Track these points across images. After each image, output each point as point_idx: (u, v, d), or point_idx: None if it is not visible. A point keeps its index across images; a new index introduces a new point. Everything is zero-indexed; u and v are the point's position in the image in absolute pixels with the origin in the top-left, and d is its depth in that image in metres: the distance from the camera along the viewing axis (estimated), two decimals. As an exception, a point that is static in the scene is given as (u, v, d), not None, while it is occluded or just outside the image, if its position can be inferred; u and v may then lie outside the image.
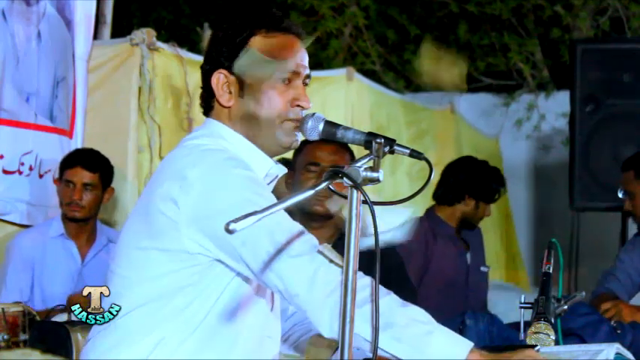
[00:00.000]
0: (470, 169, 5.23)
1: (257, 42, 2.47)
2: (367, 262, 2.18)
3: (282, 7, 8.89)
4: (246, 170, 2.38)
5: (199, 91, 2.59)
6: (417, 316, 2.27)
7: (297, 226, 2.33)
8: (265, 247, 2.27)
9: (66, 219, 4.73)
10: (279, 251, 2.26)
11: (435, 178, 5.09)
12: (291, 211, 3.84)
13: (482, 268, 5.39)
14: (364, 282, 2.23)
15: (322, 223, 3.89)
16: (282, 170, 2.56)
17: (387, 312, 2.20)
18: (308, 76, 2.53)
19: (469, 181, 5.15)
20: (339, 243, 3.70)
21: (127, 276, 2.41)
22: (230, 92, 2.49)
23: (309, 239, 2.32)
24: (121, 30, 5.52)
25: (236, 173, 2.35)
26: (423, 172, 7.29)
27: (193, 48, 7.02)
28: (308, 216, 3.85)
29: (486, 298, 5.58)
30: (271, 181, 2.54)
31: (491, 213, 5.39)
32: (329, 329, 2.24)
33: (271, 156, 2.53)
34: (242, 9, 2.52)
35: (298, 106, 2.48)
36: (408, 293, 4.08)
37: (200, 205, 2.32)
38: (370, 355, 2.20)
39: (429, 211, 5.23)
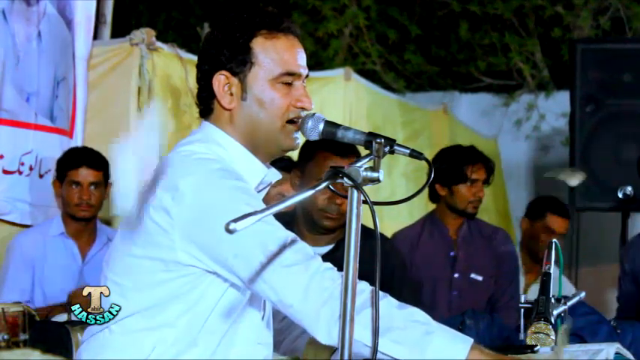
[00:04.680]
0: (435, 158, 5.00)
1: (259, 43, 2.46)
2: (369, 262, 2.18)
3: (284, 7, 8.88)
4: (237, 181, 2.37)
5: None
6: (415, 317, 2.26)
7: (290, 235, 2.31)
8: (258, 257, 2.25)
9: (69, 219, 4.74)
10: (272, 261, 2.24)
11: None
12: (297, 221, 3.83)
13: (474, 276, 5.06)
14: (360, 287, 2.21)
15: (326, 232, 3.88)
16: (277, 176, 2.55)
17: (385, 315, 2.18)
18: (307, 76, 2.53)
19: (436, 171, 4.75)
20: (341, 244, 3.70)
21: (120, 283, 2.40)
22: (231, 94, 2.47)
23: (303, 247, 2.30)
24: (128, 29, 5.49)
25: (227, 184, 2.34)
26: (419, 172, 7.27)
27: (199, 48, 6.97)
28: (314, 227, 3.82)
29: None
30: (264, 188, 2.54)
31: (477, 195, 4.95)
32: (327, 337, 2.23)
33: (270, 158, 2.53)
34: (241, 9, 2.51)
35: (300, 107, 2.48)
36: (410, 293, 4.09)
37: (192, 216, 2.30)
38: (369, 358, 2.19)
39: (432, 211, 5.19)
